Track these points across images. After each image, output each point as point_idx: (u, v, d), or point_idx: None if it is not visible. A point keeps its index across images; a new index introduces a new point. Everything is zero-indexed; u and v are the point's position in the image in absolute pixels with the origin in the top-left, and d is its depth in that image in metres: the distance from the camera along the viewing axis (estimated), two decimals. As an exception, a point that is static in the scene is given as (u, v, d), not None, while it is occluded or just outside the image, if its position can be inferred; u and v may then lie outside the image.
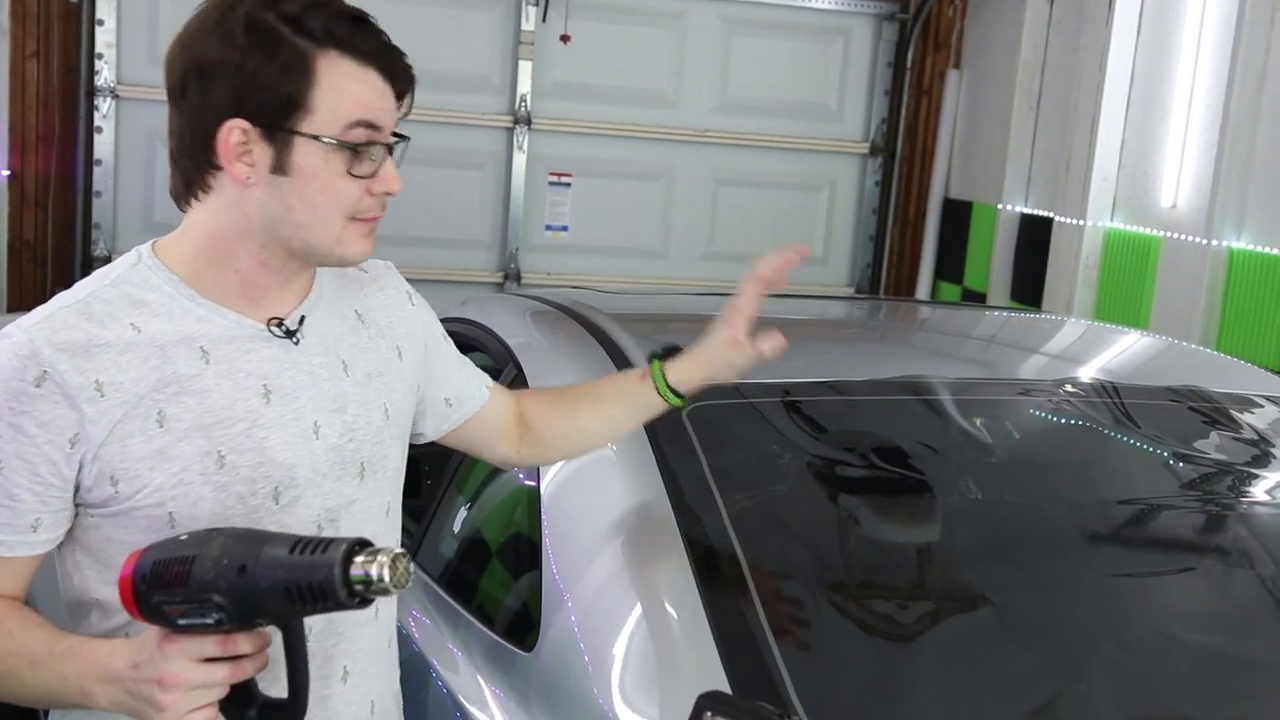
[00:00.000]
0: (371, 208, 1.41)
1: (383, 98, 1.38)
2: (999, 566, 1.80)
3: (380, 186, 1.40)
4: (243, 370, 1.40)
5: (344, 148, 1.36)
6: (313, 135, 1.35)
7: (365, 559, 1.19)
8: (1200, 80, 4.84)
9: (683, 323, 2.74)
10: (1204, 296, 4.68)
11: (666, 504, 1.72)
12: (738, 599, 1.58)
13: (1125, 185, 5.33)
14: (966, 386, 2.13)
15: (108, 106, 5.72)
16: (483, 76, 6.12)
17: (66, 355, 1.32)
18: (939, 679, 1.58)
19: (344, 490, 1.47)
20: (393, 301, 1.60)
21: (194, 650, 1.22)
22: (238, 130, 1.34)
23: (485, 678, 1.78)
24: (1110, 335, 2.89)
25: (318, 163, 1.36)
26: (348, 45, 1.35)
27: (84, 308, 1.36)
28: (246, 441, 1.39)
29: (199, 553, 1.21)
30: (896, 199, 6.78)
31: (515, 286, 6.20)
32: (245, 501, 1.39)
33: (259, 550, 1.20)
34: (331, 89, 1.34)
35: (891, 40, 6.62)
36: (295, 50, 1.33)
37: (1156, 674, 1.66)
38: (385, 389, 1.53)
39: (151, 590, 1.21)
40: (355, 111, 1.36)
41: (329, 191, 1.37)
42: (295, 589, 1.19)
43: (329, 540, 1.21)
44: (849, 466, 1.89)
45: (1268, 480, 2.09)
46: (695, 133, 6.39)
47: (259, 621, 1.22)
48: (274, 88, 1.33)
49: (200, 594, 1.19)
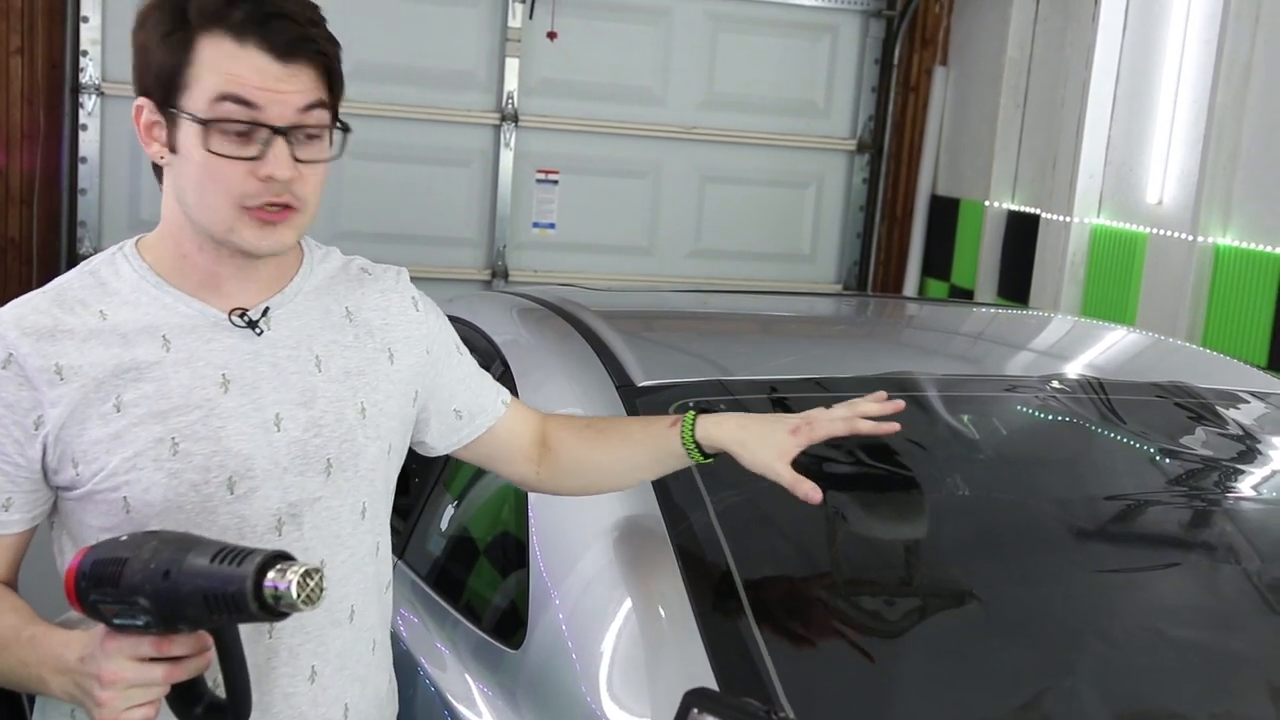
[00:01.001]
0: (257, 194, 1.35)
1: (264, 76, 1.33)
2: (985, 563, 1.80)
3: (263, 170, 1.34)
4: (202, 359, 1.41)
5: (209, 125, 1.33)
6: (187, 113, 1.34)
7: (276, 573, 1.19)
8: (1186, 77, 4.85)
9: (670, 320, 2.74)
10: (1190, 292, 4.70)
11: (654, 502, 1.72)
12: (725, 596, 1.58)
13: (1111, 182, 5.35)
14: (953, 383, 2.13)
15: (93, 104, 5.70)
16: (469, 73, 6.12)
17: (31, 339, 1.36)
18: (926, 675, 1.59)
19: (307, 485, 1.45)
20: (393, 305, 1.58)
21: (131, 649, 1.23)
22: (145, 109, 1.38)
23: (473, 676, 1.78)
24: (1096, 331, 2.89)
25: (191, 141, 1.35)
26: (225, 20, 1.33)
27: (57, 294, 1.40)
28: (201, 429, 1.39)
29: (132, 555, 1.22)
30: (884, 196, 6.79)
31: (502, 284, 6.20)
32: (198, 490, 1.38)
33: (184, 556, 1.21)
34: (204, 65, 1.33)
35: (878, 37, 6.63)
36: (182, 27, 1.34)
37: (1142, 669, 1.66)
38: (365, 388, 1.51)
39: (90, 588, 1.23)
40: (221, 86, 1.33)
41: (208, 173, 1.35)
42: (212, 597, 1.19)
43: (250, 551, 1.21)
44: (836, 463, 1.89)
45: (1253, 475, 2.10)
46: (682, 130, 6.39)
47: (181, 626, 1.23)
48: (159, 63, 1.35)
49: (129, 595, 1.21)
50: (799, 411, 1.65)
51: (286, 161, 1.35)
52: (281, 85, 1.34)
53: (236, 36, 1.33)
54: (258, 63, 1.33)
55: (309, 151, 1.38)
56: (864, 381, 2.09)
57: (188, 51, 1.33)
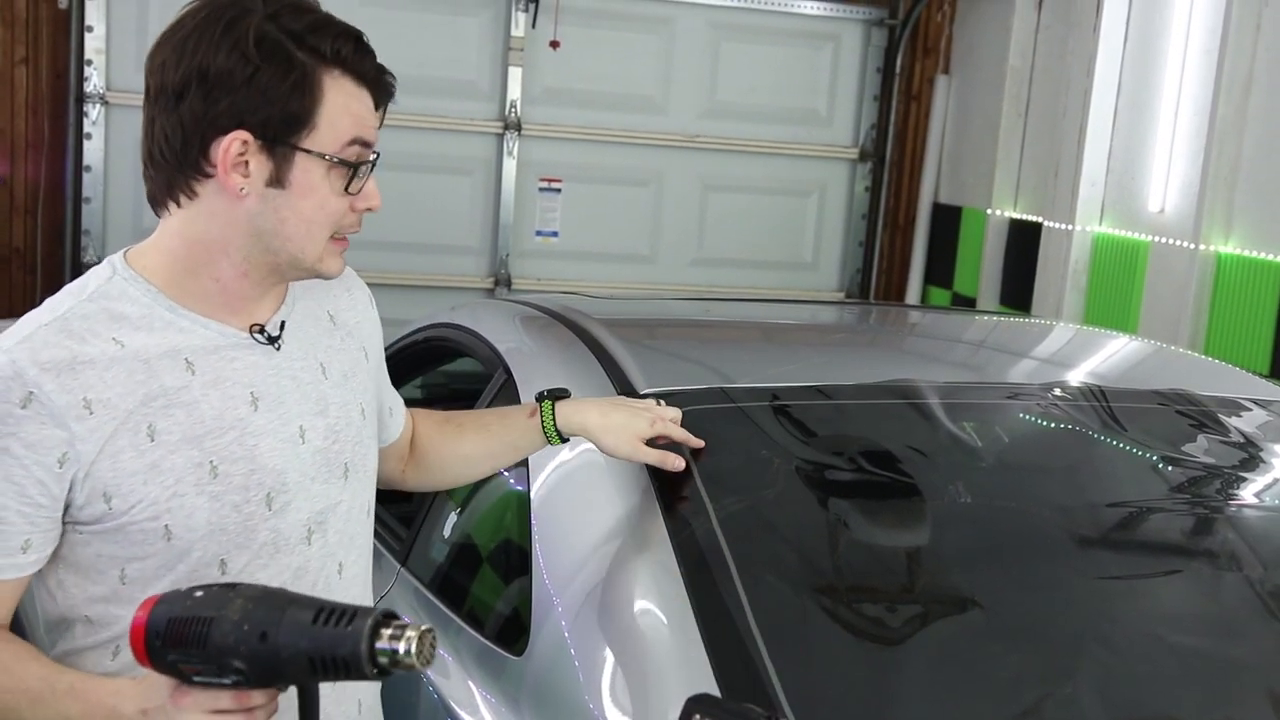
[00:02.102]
0: (353, 224, 1.44)
1: (373, 117, 1.42)
2: (987, 570, 1.80)
3: (363, 203, 1.43)
4: (229, 379, 1.41)
5: (342, 165, 1.38)
6: (316, 152, 1.36)
7: (393, 634, 1.17)
8: (1187, 86, 4.86)
9: (672, 328, 2.74)
10: (1192, 301, 4.70)
11: (656, 508, 1.72)
12: (727, 603, 1.58)
13: (1113, 190, 5.35)
14: (955, 391, 2.13)
15: (97, 113, 5.71)
16: (472, 82, 6.13)
17: (52, 375, 1.31)
18: (928, 682, 1.59)
19: (330, 493, 1.47)
20: (359, 303, 1.63)
21: (208, 703, 1.21)
22: (238, 142, 1.34)
23: (476, 682, 1.78)
24: (1098, 339, 2.90)
25: (317, 179, 1.37)
26: (350, 66, 1.37)
27: (63, 325, 1.35)
28: (238, 450, 1.39)
29: (217, 614, 1.18)
30: (886, 204, 6.79)
31: (505, 292, 6.21)
32: (240, 510, 1.39)
33: (281, 616, 1.17)
34: (334, 107, 1.36)
35: (880, 46, 6.63)
36: (303, 67, 1.34)
37: (1144, 677, 1.66)
38: (359, 389, 1.55)
39: (167, 647, 1.19)
40: (354, 130, 1.38)
41: (324, 208, 1.39)
42: (319, 660, 1.16)
43: (355, 610, 1.18)
44: (838, 471, 1.90)
45: (1255, 484, 2.10)
46: (685, 138, 6.40)
47: (279, 686, 1.21)
48: (282, 103, 1.34)
49: (219, 657, 1.17)
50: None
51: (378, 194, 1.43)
52: (376, 123, 1.43)
53: (356, 78, 1.38)
54: (369, 103, 1.41)
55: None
56: (866, 389, 2.09)
57: (314, 92, 1.35)
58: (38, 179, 5.75)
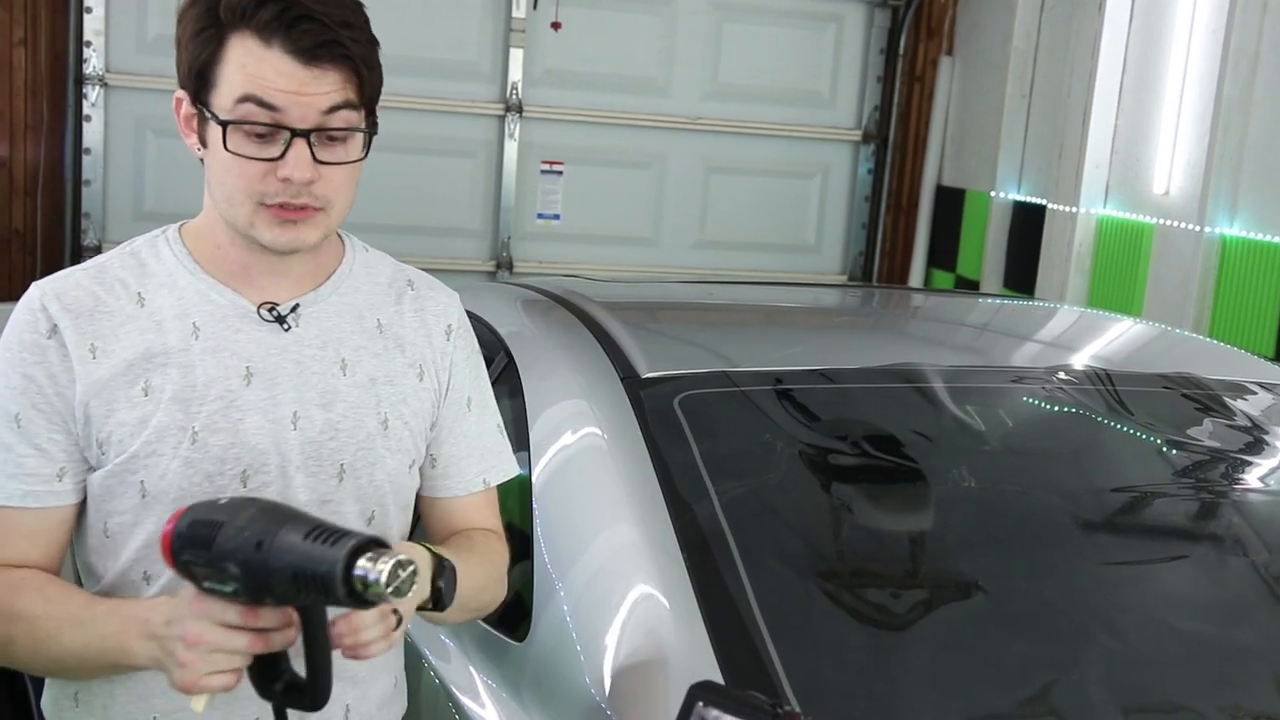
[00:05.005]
0: (275, 194, 1.36)
1: (287, 79, 1.33)
2: (992, 554, 1.80)
3: (282, 171, 1.35)
4: (228, 349, 1.42)
5: (229, 125, 1.34)
6: (209, 112, 1.36)
7: (369, 560, 1.15)
8: (1192, 66, 4.83)
9: (675, 311, 2.73)
10: (1197, 283, 4.69)
11: (658, 493, 1.71)
12: (730, 588, 1.57)
13: (1118, 172, 5.33)
14: (959, 374, 2.12)
15: (96, 95, 5.68)
16: (474, 64, 6.10)
17: (71, 315, 1.38)
18: (932, 667, 1.58)
19: (317, 488, 1.45)
20: (428, 325, 1.55)
21: (218, 614, 1.22)
22: (184, 102, 1.40)
23: (477, 668, 1.78)
24: (1103, 322, 2.88)
25: (215, 139, 1.37)
26: (252, 20, 1.33)
27: (99, 272, 1.43)
28: (221, 421, 1.40)
29: (228, 519, 1.20)
30: (889, 186, 6.77)
31: (507, 275, 6.19)
32: (212, 480, 1.39)
33: (278, 529, 1.18)
34: (230, 64, 1.35)
35: (884, 27, 6.60)
36: (215, 27, 1.35)
37: (1151, 661, 1.66)
38: (393, 399, 1.49)
39: (183, 548, 1.22)
40: (244, 87, 1.34)
41: (230, 170, 1.37)
42: (301, 575, 1.16)
43: (345, 533, 1.18)
44: (841, 455, 1.89)
45: (1261, 467, 2.09)
46: (687, 120, 6.38)
47: (268, 599, 1.21)
48: (192, 60, 1.37)
49: (220, 560, 1.19)
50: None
51: (306, 164, 1.35)
52: (305, 88, 1.34)
53: (262, 37, 1.33)
54: (281, 65, 1.33)
55: (332, 153, 1.37)
56: (869, 373, 2.08)
57: (217, 49, 1.35)
58: (37, 161, 5.73)
